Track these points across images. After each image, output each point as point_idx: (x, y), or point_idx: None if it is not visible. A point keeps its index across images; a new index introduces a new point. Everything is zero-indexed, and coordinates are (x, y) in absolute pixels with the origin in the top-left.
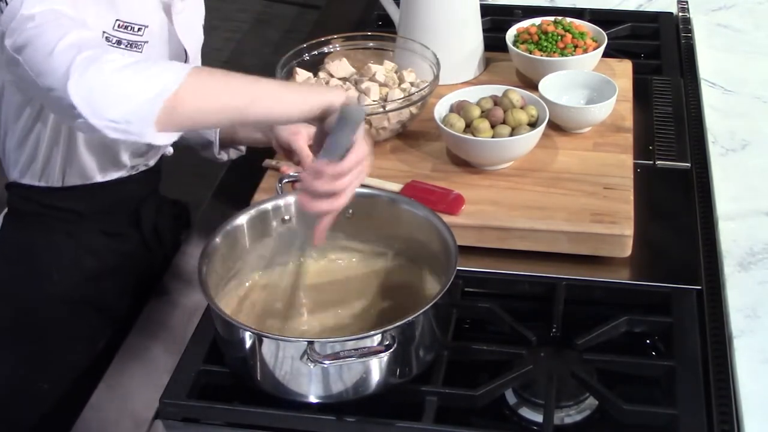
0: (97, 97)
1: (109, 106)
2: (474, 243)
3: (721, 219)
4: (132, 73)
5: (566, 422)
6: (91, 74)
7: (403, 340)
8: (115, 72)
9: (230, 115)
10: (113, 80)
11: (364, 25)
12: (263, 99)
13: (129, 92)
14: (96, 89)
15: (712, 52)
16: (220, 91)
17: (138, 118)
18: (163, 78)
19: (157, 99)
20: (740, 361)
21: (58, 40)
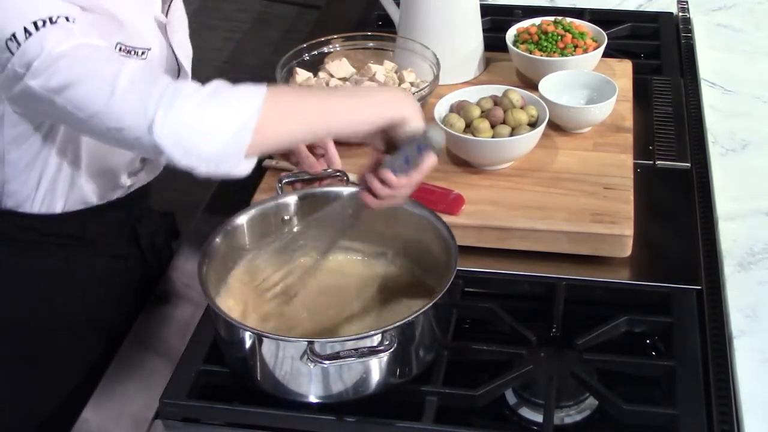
0: (185, 137)
1: (201, 144)
2: (474, 243)
3: (721, 219)
4: (214, 107)
5: (566, 422)
6: (175, 113)
7: (403, 340)
8: (197, 108)
9: (310, 134)
10: (198, 117)
11: (364, 25)
12: (338, 113)
13: (216, 128)
14: (183, 129)
15: (712, 52)
16: (298, 112)
17: (230, 152)
18: (244, 107)
19: (244, 131)
20: (740, 361)
21: (115, 78)
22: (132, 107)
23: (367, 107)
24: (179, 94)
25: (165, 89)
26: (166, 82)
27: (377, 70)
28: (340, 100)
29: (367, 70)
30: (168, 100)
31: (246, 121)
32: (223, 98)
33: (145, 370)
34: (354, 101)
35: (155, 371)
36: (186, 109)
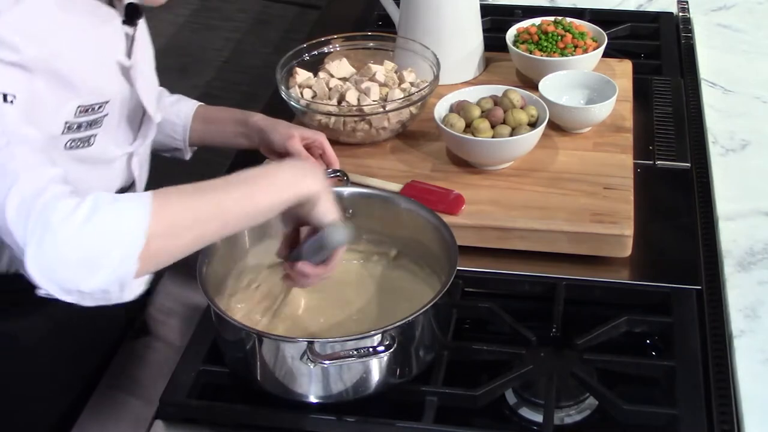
0: (60, 275)
1: (78, 281)
2: (474, 243)
3: (721, 219)
4: (92, 233)
5: (566, 422)
6: (48, 246)
7: (403, 340)
8: (73, 236)
9: (206, 240)
10: (73, 248)
11: (364, 25)
12: (234, 208)
13: (95, 261)
14: (57, 265)
15: (712, 52)
16: (188, 220)
17: (114, 285)
18: (126, 229)
19: (128, 260)
20: (740, 361)
21: (4, 198)
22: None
23: (265, 193)
24: (52, 218)
25: (39, 214)
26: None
27: (377, 70)
28: (234, 192)
29: (367, 70)
30: (40, 229)
31: (129, 247)
32: (102, 219)
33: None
34: (250, 189)
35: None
36: (59, 238)
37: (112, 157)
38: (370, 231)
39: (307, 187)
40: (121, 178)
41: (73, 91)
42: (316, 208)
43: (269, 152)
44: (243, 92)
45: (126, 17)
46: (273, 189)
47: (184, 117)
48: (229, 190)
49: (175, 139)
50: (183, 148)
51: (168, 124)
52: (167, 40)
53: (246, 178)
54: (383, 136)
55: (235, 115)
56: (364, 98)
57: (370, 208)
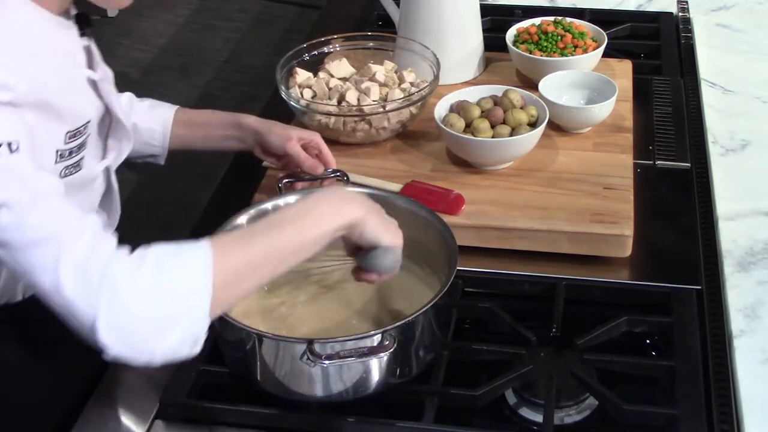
0: (134, 338)
1: (152, 342)
2: (474, 243)
3: (721, 219)
4: (161, 292)
5: (566, 422)
6: (120, 311)
7: (403, 340)
8: (143, 299)
9: (264, 282)
10: (146, 310)
11: (364, 25)
12: (287, 249)
13: (168, 321)
14: (130, 328)
15: (712, 52)
16: (248, 267)
17: (189, 339)
18: (194, 283)
19: (199, 317)
20: (740, 361)
21: (58, 262)
22: (77, 304)
23: (310, 229)
24: (118, 283)
25: (101, 279)
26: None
27: (377, 70)
28: (283, 233)
29: (367, 70)
30: (108, 295)
31: (200, 303)
32: (170, 277)
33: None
34: (296, 228)
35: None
36: (131, 303)
37: (95, 175)
38: None
39: (350, 214)
40: (101, 192)
41: (60, 118)
42: (365, 231)
43: (265, 154)
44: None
45: (79, 28)
46: (317, 223)
47: (162, 122)
48: (279, 233)
49: (153, 146)
50: (161, 154)
51: (145, 130)
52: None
53: (291, 217)
54: (383, 136)
55: (223, 118)
56: (364, 98)
57: None
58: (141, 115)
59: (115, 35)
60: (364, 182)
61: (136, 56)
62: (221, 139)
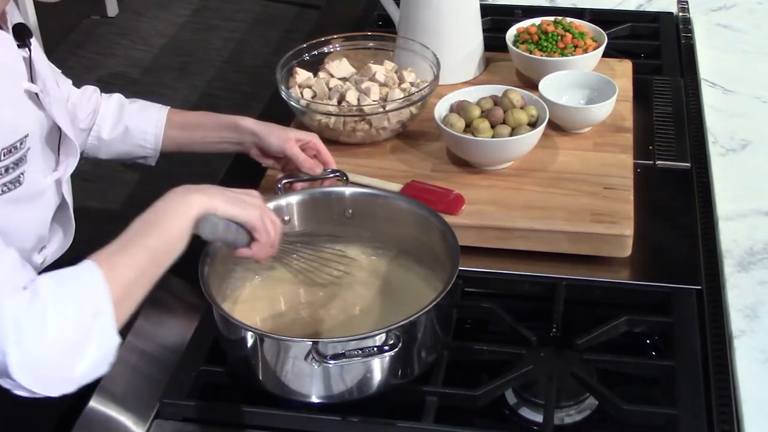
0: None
1: (66, 370)
2: (474, 243)
3: (721, 219)
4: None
5: (566, 422)
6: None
7: (407, 339)
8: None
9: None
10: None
11: (364, 25)
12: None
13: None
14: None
15: (712, 52)
16: (137, 276)
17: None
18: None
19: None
20: (740, 361)
21: None
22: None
23: (173, 223)
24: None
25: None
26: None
27: (377, 70)
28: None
29: (367, 70)
30: (13, 330)
31: (104, 325)
32: (68, 303)
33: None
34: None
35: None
36: (37, 336)
37: (43, 188)
38: (371, 231)
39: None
40: (53, 205)
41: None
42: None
43: (262, 156)
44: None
45: (17, 40)
46: (175, 220)
47: (155, 124)
48: (148, 236)
49: (144, 147)
50: (152, 156)
51: (137, 132)
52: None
53: (152, 220)
54: (383, 136)
55: (219, 120)
56: (364, 98)
57: (370, 208)
58: (132, 117)
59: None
60: (364, 182)
61: (136, 56)
62: (217, 142)
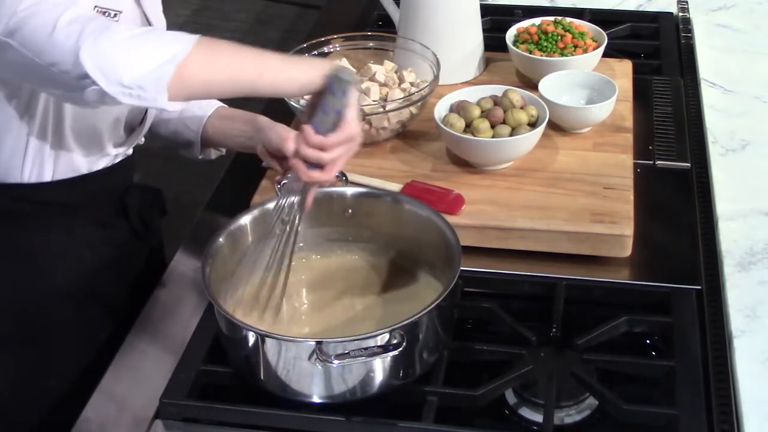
0: (110, 63)
1: (123, 71)
2: (474, 243)
3: (721, 219)
4: (143, 41)
5: (566, 422)
6: (103, 41)
7: (409, 339)
8: (126, 39)
9: (239, 87)
10: (125, 46)
11: (364, 25)
12: (270, 71)
13: (141, 58)
14: (109, 55)
15: (712, 52)
16: (228, 62)
17: (151, 83)
18: (173, 46)
19: (168, 65)
20: (740, 361)
21: (59, 16)
22: (66, 39)
23: (296, 68)
24: (111, 28)
25: (100, 23)
26: (107, 22)
27: (377, 70)
28: (273, 61)
29: (367, 70)
30: (99, 32)
31: (171, 58)
32: (154, 36)
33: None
34: (285, 63)
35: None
36: (115, 39)
37: None
38: (372, 230)
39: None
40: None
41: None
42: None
43: (264, 154)
44: None
45: None
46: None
47: (202, 109)
48: (267, 55)
49: (189, 129)
50: (195, 142)
51: (186, 112)
52: None
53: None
54: (383, 136)
55: (246, 115)
56: (364, 98)
57: (371, 208)
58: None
59: None
60: (364, 182)
61: None
62: (236, 135)
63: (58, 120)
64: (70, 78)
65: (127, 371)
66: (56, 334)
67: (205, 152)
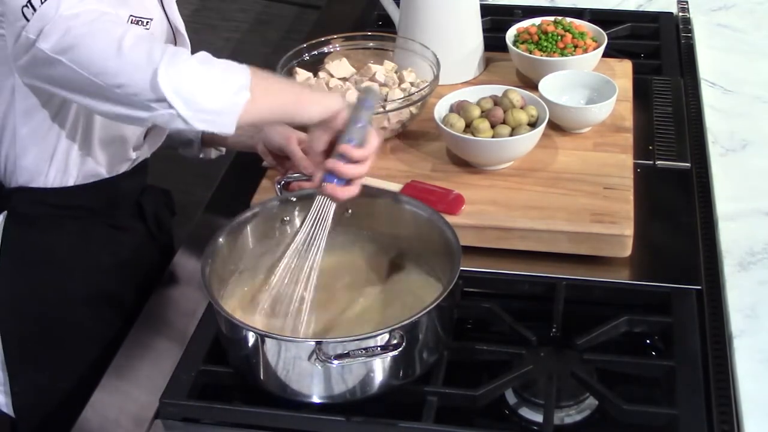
0: (190, 89)
1: (204, 98)
2: (474, 243)
3: (721, 219)
4: (213, 68)
5: (566, 422)
6: (179, 67)
7: (409, 339)
8: (199, 65)
9: (283, 114)
10: (200, 73)
11: (364, 25)
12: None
13: (217, 85)
14: (186, 81)
15: (712, 52)
16: (277, 91)
17: (228, 110)
18: (238, 74)
19: (243, 91)
20: (740, 361)
21: (122, 37)
22: (137, 61)
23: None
24: (180, 52)
25: (167, 47)
26: (167, 44)
27: (377, 70)
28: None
29: (367, 70)
30: (170, 56)
31: (243, 84)
32: (218, 63)
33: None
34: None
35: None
36: (189, 64)
37: None
38: (372, 230)
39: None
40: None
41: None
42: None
43: (265, 153)
44: None
45: None
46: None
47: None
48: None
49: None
50: (195, 140)
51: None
52: None
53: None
54: (383, 136)
55: None
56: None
57: (371, 208)
58: None
59: None
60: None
61: None
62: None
63: (87, 128)
64: (141, 100)
65: (127, 371)
66: (72, 335)
67: (206, 151)
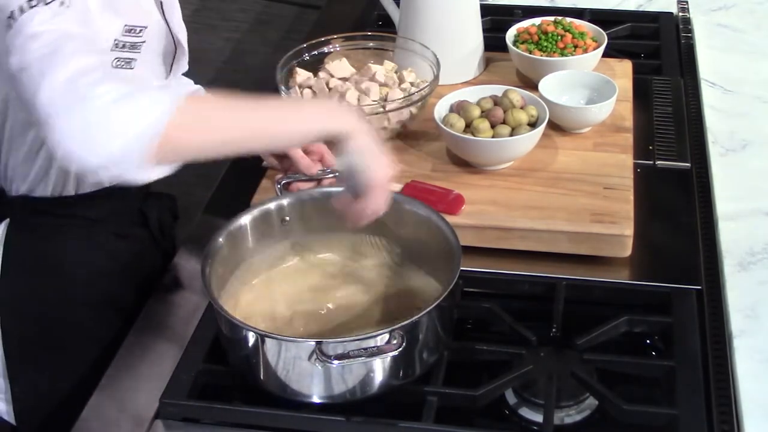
0: (84, 135)
1: (96, 146)
2: (474, 243)
3: (721, 219)
4: (124, 106)
5: (566, 422)
6: (77, 113)
7: (409, 339)
8: (102, 108)
9: (230, 148)
10: (99, 117)
11: (364, 25)
12: (265, 129)
13: (119, 129)
14: (83, 126)
15: (712, 52)
16: (215, 121)
17: (128, 156)
18: (152, 111)
19: (148, 133)
20: (740, 361)
21: (52, 73)
22: (45, 102)
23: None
24: (91, 94)
25: (82, 88)
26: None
27: (377, 70)
28: (268, 115)
29: (367, 70)
30: (74, 101)
31: (152, 123)
32: (137, 98)
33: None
34: (279, 113)
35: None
36: (89, 109)
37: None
38: (372, 230)
39: (337, 125)
40: None
41: (118, 13)
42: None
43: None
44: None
45: None
46: (300, 119)
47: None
48: (259, 109)
49: None
50: None
51: None
52: None
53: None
54: (383, 136)
55: None
56: (364, 98)
57: None
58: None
59: None
60: None
61: None
62: None
63: None
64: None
65: (127, 371)
66: (72, 336)
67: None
